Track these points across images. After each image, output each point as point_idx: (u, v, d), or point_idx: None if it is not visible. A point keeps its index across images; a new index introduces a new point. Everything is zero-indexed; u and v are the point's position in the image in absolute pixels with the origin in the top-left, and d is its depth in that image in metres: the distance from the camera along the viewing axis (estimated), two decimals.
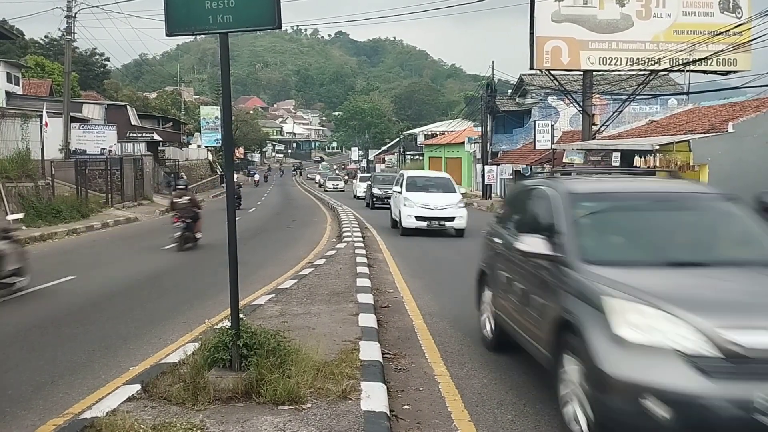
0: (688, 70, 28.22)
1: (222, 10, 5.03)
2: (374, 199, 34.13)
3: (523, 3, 28.11)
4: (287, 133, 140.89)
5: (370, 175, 47.33)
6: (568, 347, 4.51)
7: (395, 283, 11.43)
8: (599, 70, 28.66)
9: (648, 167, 22.53)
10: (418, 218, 19.14)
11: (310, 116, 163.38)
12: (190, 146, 64.75)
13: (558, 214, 5.37)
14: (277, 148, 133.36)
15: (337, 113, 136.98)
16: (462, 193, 22.40)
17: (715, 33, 25.48)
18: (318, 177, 79.47)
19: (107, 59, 71.64)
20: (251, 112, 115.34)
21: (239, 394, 5.00)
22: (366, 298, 9.06)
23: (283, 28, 5.37)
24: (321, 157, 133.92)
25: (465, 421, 5.08)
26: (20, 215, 15.30)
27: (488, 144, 42.15)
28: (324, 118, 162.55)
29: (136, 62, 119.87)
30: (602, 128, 30.14)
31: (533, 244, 5.21)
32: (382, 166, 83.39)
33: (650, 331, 3.91)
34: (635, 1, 27.33)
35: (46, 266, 13.61)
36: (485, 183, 40.01)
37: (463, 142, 52.23)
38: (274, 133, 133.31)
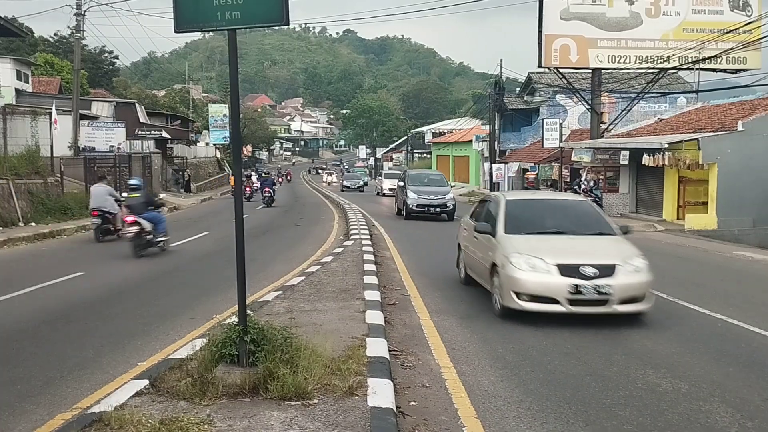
0: (697, 69, 28.12)
1: (230, 6, 5.05)
2: None
3: (532, 1, 28.08)
4: (295, 131, 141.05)
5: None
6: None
7: (402, 280, 11.43)
8: (608, 69, 28.56)
9: (656, 165, 22.49)
10: None
11: (318, 114, 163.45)
12: (198, 144, 64.83)
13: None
14: (285, 146, 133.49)
15: (345, 111, 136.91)
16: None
17: (725, 31, 25.36)
18: (386, 184, 43.17)
19: (116, 57, 72.09)
20: (259, 110, 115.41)
21: (246, 390, 5.02)
22: (373, 296, 9.06)
23: (291, 26, 5.40)
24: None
25: (471, 418, 5.08)
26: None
27: (496, 142, 42.06)
28: (332, 116, 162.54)
29: (145, 60, 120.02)
30: (611, 126, 30.06)
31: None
32: (390, 164, 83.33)
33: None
34: None
35: (55, 262, 13.72)
36: (493, 181, 39.92)
37: (471, 141, 52.17)
38: (282, 131, 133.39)
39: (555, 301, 7.78)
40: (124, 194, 16.66)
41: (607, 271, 7.79)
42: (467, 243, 10.59)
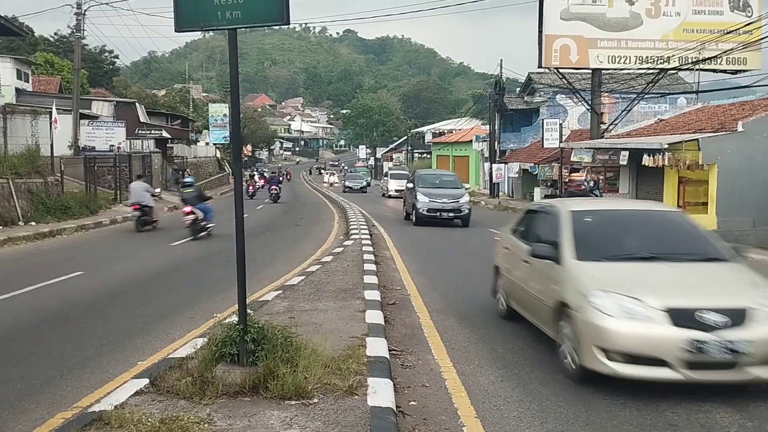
0: (697, 69, 28.11)
1: (230, 5, 5.06)
2: None
3: (532, 1, 28.07)
4: (295, 131, 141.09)
5: None
6: None
7: (402, 280, 11.43)
8: (608, 69, 28.55)
9: (656, 166, 22.48)
10: None
11: (318, 114, 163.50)
12: (198, 143, 64.83)
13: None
14: (285, 146, 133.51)
15: (345, 111, 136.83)
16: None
17: (725, 32, 25.35)
18: (392, 185, 43.07)
19: (116, 56, 72.15)
20: (259, 110, 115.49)
21: (246, 389, 5.02)
22: (373, 295, 9.06)
23: (291, 26, 5.42)
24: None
25: (471, 418, 5.09)
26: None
27: (496, 142, 42.09)
28: (332, 116, 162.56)
29: (145, 59, 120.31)
30: (611, 127, 30.05)
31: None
32: (390, 164, 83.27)
33: None
34: None
35: (55, 262, 13.72)
36: (493, 181, 39.96)
37: (471, 141, 52.19)
38: (282, 131, 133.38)
39: (663, 363, 5.35)
40: (151, 191, 20.28)
41: (737, 317, 5.40)
42: (510, 266, 8.12)
